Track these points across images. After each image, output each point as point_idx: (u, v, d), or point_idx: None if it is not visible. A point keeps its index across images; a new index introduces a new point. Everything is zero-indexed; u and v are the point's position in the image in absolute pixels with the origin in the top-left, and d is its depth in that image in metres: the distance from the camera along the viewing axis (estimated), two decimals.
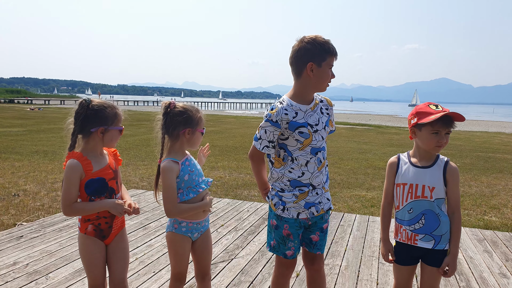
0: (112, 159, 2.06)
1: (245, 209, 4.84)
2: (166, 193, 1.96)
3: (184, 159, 2.06)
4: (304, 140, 1.98)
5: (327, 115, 2.10)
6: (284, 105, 1.98)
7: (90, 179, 1.91)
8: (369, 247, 3.69)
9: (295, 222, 2.06)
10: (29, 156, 8.86)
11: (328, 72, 1.96)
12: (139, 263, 3.17)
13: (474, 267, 3.31)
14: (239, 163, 9.08)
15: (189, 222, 2.07)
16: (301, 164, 2.00)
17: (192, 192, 2.03)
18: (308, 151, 2.00)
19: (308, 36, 1.94)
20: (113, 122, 1.97)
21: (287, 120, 1.95)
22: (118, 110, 2.01)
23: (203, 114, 2.10)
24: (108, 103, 1.99)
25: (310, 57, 1.91)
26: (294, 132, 1.96)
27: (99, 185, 1.94)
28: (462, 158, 10.98)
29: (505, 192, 6.90)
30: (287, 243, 2.08)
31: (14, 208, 4.94)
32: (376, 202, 5.89)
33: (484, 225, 4.90)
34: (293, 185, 2.03)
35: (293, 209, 2.05)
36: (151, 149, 10.80)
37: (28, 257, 3.19)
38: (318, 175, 2.05)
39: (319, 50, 1.90)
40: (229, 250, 3.52)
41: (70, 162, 1.89)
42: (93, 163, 1.94)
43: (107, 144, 2.00)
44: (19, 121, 19.22)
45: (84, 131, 1.94)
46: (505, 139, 18.33)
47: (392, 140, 15.60)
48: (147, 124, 20.04)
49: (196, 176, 2.08)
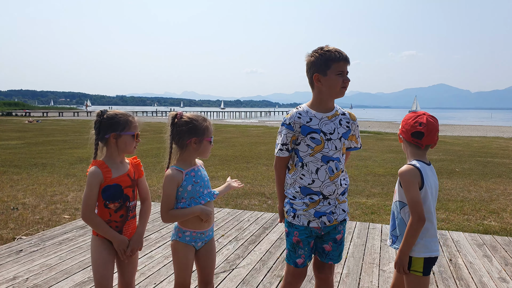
0: (132, 169, 2.17)
1: (245, 218, 4.84)
2: (162, 200, 2.04)
3: (190, 169, 2.09)
4: (315, 146, 2.03)
5: (347, 128, 2.13)
6: (299, 110, 2.08)
7: (107, 185, 2.02)
8: (370, 254, 3.69)
9: (305, 230, 2.09)
10: (28, 169, 8.86)
11: (336, 78, 2.01)
12: (140, 274, 3.17)
13: (473, 272, 3.31)
14: (239, 172, 9.09)
15: (193, 232, 2.10)
16: (311, 171, 2.05)
17: (194, 203, 2.06)
18: (319, 158, 2.04)
19: (315, 49, 2.06)
20: (125, 128, 2.07)
21: (300, 123, 2.03)
22: (131, 118, 2.12)
23: (210, 123, 2.15)
24: (121, 112, 2.12)
25: (315, 69, 2.04)
26: (306, 137, 2.03)
27: (115, 191, 2.05)
28: (461, 163, 11.01)
29: (504, 197, 6.91)
30: (297, 251, 2.11)
31: (13, 222, 4.93)
32: (376, 209, 5.90)
33: (483, 230, 4.91)
34: (304, 192, 2.06)
35: (303, 216, 2.08)
36: (151, 159, 10.83)
37: (28, 271, 3.18)
38: (330, 184, 2.06)
39: (322, 60, 2.01)
40: (230, 260, 3.52)
41: (92, 169, 2.03)
42: (112, 170, 2.05)
43: (123, 150, 2.09)
44: (17, 134, 19.22)
45: (101, 138, 2.06)
46: (503, 143, 18.38)
47: (391, 147, 15.64)
48: (146, 135, 20.07)
49: (201, 188, 2.10)
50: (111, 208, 2.06)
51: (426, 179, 1.96)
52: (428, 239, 1.97)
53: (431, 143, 2.01)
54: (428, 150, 2.05)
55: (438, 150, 14.27)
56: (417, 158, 2.03)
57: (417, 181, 1.96)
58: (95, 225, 2.04)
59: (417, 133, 1.98)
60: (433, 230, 1.99)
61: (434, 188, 2.04)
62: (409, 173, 1.96)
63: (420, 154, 2.04)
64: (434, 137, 1.99)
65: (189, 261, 2.11)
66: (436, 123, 2.01)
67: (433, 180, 2.03)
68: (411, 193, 1.94)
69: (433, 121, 1.99)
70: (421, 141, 1.99)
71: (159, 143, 15.49)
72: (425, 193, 1.97)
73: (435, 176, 2.07)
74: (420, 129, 1.97)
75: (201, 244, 2.15)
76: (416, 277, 1.99)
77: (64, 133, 19.74)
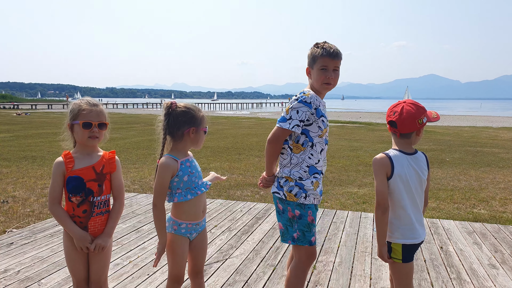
0: (103, 162, 2.04)
1: (238, 209, 4.85)
2: (155, 188, 2.00)
3: (185, 159, 2.06)
4: (324, 129, 2.17)
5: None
6: (312, 93, 2.14)
7: (69, 176, 1.96)
8: (362, 243, 3.73)
9: (316, 207, 2.19)
10: (17, 162, 8.73)
11: (320, 73, 2.12)
12: (133, 266, 3.16)
13: (464, 259, 3.37)
14: (231, 163, 9.08)
15: (189, 223, 2.08)
16: (318, 151, 2.17)
17: (190, 194, 2.03)
18: (323, 140, 2.19)
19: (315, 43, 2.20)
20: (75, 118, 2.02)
21: (316, 105, 2.11)
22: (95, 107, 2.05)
23: (205, 113, 2.13)
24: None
25: (308, 63, 2.20)
26: (319, 119, 2.13)
27: (77, 183, 1.96)
28: (451, 153, 11.15)
29: (493, 185, 7.03)
30: (311, 229, 2.16)
31: (4, 215, 4.86)
32: (368, 199, 5.95)
33: (473, 218, 4.99)
34: (311, 171, 2.14)
35: (312, 195, 2.15)
36: (142, 151, 10.75)
37: (19, 263, 3.15)
38: (326, 164, 2.28)
39: (311, 55, 2.16)
40: (223, 250, 3.53)
41: (57, 159, 2.01)
42: (76, 161, 1.98)
43: (80, 140, 2.02)
44: (6, 127, 18.89)
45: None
46: (492, 133, 18.65)
47: (382, 137, 15.76)
48: (137, 126, 19.90)
49: (196, 178, 2.08)
50: (74, 202, 1.97)
51: (397, 168, 1.96)
52: (403, 227, 2.00)
53: (407, 132, 1.98)
54: (413, 138, 2.02)
55: (429, 140, 14.43)
56: (398, 147, 2.04)
57: (384, 171, 1.98)
58: (57, 218, 1.99)
59: (392, 122, 2.01)
60: (406, 218, 2.00)
61: (415, 177, 2.01)
62: (376, 163, 2.00)
63: (401, 143, 2.03)
64: (411, 126, 1.96)
65: (185, 253, 2.10)
66: (415, 111, 1.97)
67: (411, 168, 2.00)
68: (376, 181, 2.00)
69: (411, 109, 1.96)
70: (397, 129, 2.00)
71: (150, 135, 15.37)
72: (395, 181, 1.98)
73: (418, 165, 2.03)
74: (393, 118, 1.99)
75: (195, 235, 2.14)
76: (397, 264, 2.03)
77: (54, 126, 19.46)
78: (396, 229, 2.01)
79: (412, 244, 2.01)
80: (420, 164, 2.04)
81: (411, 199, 2.01)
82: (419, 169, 2.02)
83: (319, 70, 2.12)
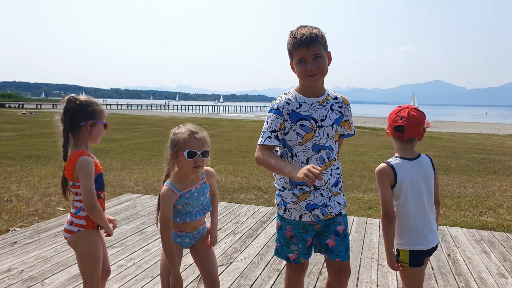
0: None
1: (242, 212, 4.81)
2: (160, 220, 1.95)
3: (186, 190, 2.00)
4: (305, 135, 1.88)
5: (339, 113, 1.96)
6: (288, 96, 1.92)
7: (98, 174, 2.00)
8: (368, 249, 3.68)
9: (298, 224, 1.97)
10: (22, 161, 8.75)
11: (299, 67, 1.83)
12: (137, 268, 3.12)
13: (472, 268, 3.31)
14: (235, 166, 9.05)
15: (177, 231, 2.06)
16: (302, 161, 1.89)
17: (180, 218, 2.01)
18: (309, 147, 1.89)
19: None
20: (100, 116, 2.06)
21: (288, 109, 1.87)
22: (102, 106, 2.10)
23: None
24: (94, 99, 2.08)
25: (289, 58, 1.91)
26: (296, 125, 1.87)
27: (102, 180, 2.05)
28: (457, 160, 11.05)
29: (500, 193, 6.94)
30: (290, 246, 2.00)
31: (7, 214, 4.85)
32: (373, 204, 5.89)
33: (480, 226, 4.92)
34: (294, 183, 1.91)
35: (295, 210, 1.95)
36: (146, 153, 10.75)
37: (22, 263, 3.13)
38: (327, 173, 1.92)
39: (288, 50, 1.87)
40: (228, 254, 3.49)
41: (84, 158, 1.94)
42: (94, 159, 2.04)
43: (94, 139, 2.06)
44: (11, 126, 19.00)
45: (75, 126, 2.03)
46: (498, 140, 18.50)
47: (387, 142, 15.67)
48: (141, 128, 19.94)
49: (191, 207, 2.02)
50: (102, 197, 2.05)
51: (399, 175, 1.97)
52: (409, 233, 1.98)
53: (413, 136, 2.00)
54: (415, 143, 2.04)
55: (434, 146, 14.34)
56: (401, 153, 2.04)
57: (388, 180, 1.98)
58: (100, 215, 1.98)
59: (399, 127, 1.99)
60: (412, 224, 1.98)
61: (421, 181, 2.00)
62: (379, 172, 2.00)
63: (404, 148, 2.04)
64: (417, 130, 1.98)
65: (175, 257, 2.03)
66: (419, 116, 2.00)
67: (415, 173, 2.00)
68: (380, 191, 1.99)
69: (416, 114, 1.99)
70: (403, 134, 1.99)
71: (155, 136, 15.39)
72: (399, 189, 1.98)
73: (422, 168, 2.02)
74: (400, 123, 1.99)
75: (189, 240, 2.09)
76: (406, 269, 2.01)
77: None
78: (402, 236, 2.00)
79: (420, 251, 1.99)
80: (424, 168, 2.03)
81: (417, 205, 1.99)
82: (423, 173, 2.02)
83: (298, 64, 1.83)
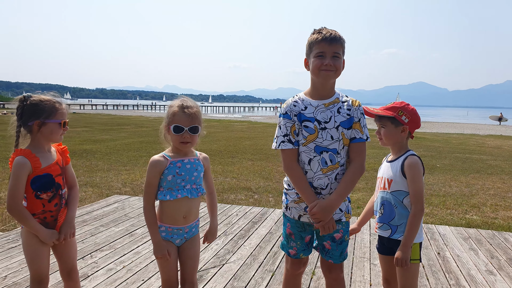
0: (60, 156, 2.12)
1: (233, 213, 4.78)
2: (144, 186, 2.00)
3: (178, 159, 2.00)
4: (308, 136, 1.90)
5: (347, 116, 1.93)
6: (295, 98, 1.98)
7: (37, 175, 1.96)
8: (360, 249, 3.70)
9: (297, 223, 2.05)
10: (2, 163, 8.48)
11: (316, 61, 1.86)
12: (127, 271, 3.06)
13: (462, 265, 3.37)
14: (224, 167, 9.00)
15: (168, 227, 2.01)
16: (304, 162, 1.94)
17: (170, 195, 1.95)
18: (312, 148, 1.91)
19: None
20: (50, 115, 1.98)
21: (295, 111, 1.93)
22: (57, 104, 2.03)
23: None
24: (47, 98, 2.02)
25: (306, 53, 1.97)
26: (301, 125, 1.92)
27: (46, 180, 2.00)
28: (442, 159, 11.27)
29: (483, 192, 7.10)
30: (289, 242, 2.09)
31: None
32: (362, 204, 5.94)
33: (466, 224, 5.02)
34: None
35: (294, 209, 2.02)
36: (133, 153, 10.59)
37: (6, 268, 3.02)
38: (322, 177, 1.92)
39: (308, 44, 1.94)
40: (220, 255, 3.45)
41: (18, 159, 1.94)
42: (41, 159, 1.99)
43: (48, 139, 2.02)
44: None
45: (24, 126, 1.99)
46: (479, 140, 18.96)
47: (373, 143, 15.72)
48: (128, 128, 19.65)
49: (183, 181, 1.98)
50: (44, 199, 2.01)
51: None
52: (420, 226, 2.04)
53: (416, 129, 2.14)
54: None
55: (419, 146, 14.58)
56: (405, 148, 2.10)
57: (422, 172, 2.02)
58: (22, 219, 1.96)
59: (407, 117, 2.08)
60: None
61: None
62: (418, 165, 2.01)
63: (406, 143, 2.13)
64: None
65: (172, 257, 2.00)
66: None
67: None
68: (418, 184, 1.98)
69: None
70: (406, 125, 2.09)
71: (141, 137, 15.19)
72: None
73: None
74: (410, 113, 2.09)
75: (180, 241, 2.05)
76: (413, 265, 2.03)
77: None
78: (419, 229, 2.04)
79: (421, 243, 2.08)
80: None
81: None
82: None
83: (315, 58, 1.86)
